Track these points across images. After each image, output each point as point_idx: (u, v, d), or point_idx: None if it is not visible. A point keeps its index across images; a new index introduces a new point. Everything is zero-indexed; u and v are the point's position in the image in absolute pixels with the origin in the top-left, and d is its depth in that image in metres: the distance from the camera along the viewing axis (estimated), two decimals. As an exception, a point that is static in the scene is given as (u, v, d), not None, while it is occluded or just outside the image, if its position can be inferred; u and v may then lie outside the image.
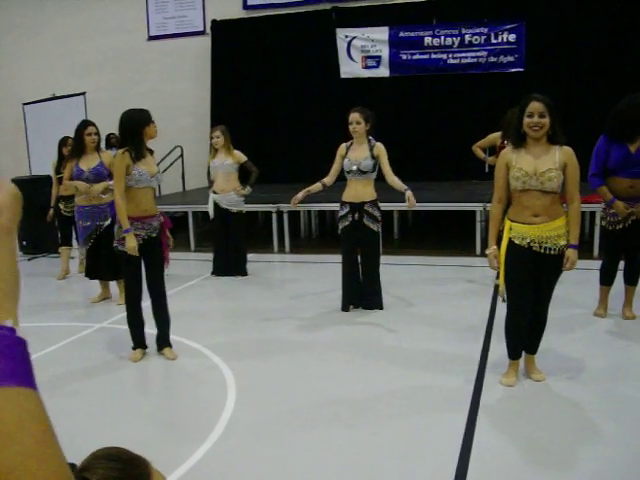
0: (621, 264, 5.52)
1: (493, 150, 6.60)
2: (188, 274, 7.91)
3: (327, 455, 3.39)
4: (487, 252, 4.15)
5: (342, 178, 6.04)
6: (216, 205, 7.54)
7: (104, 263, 6.44)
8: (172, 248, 5.16)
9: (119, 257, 4.86)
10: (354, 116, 5.77)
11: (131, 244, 4.64)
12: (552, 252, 3.97)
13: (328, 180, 6.06)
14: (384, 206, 6.26)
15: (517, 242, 3.99)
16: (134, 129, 4.67)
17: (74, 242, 7.85)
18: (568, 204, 4.06)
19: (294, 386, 4.36)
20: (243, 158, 7.54)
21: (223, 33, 12.60)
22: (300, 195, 6.05)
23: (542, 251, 3.96)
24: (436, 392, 4.17)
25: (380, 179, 5.95)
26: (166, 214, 4.95)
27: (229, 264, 7.72)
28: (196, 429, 3.74)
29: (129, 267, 4.83)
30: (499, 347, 4.72)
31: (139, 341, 5.02)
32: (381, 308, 6.10)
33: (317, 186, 6.09)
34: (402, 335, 5.37)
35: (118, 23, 13.36)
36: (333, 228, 6.03)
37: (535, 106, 3.87)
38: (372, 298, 6.11)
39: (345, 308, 6.14)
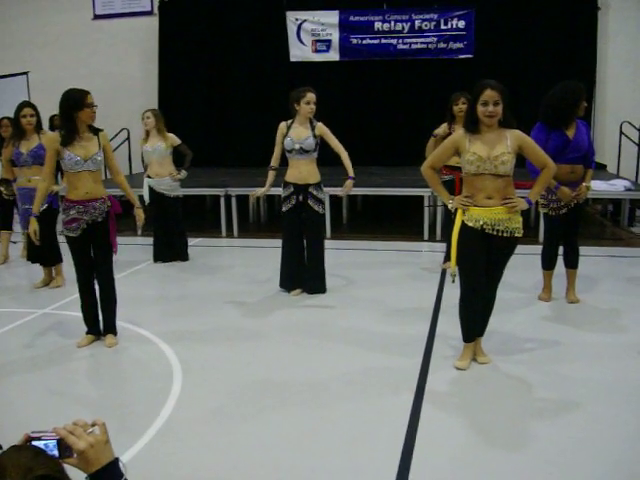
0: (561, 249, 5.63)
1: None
2: (134, 259, 7.76)
3: (276, 440, 3.37)
4: (450, 205, 4.11)
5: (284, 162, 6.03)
6: (152, 190, 7.41)
7: (44, 247, 6.28)
8: (142, 224, 5.30)
9: (67, 242, 4.78)
10: (313, 96, 5.73)
11: (32, 228, 4.70)
12: (504, 234, 4.01)
13: (275, 163, 6.05)
14: (333, 191, 6.24)
15: (470, 224, 4.01)
16: (66, 112, 4.52)
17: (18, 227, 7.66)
18: (542, 169, 4.16)
19: (242, 371, 4.32)
20: (177, 141, 7.42)
21: (171, 14, 12.36)
22: (265, 189, 6.13)
23: (495, 233, 4.00)
24: (384, 374, 4.19)
25: (322, 163, 5.94)
26: (114, 197, 4.86)
27: (170, 249, 7.62)
28: (140, 417, 3.67)
29: (74, 251, 4.78)
30: (446, 329, 4.79)
31: (89, 326, 4.94)
32: (324, 292, 6.09)
33: (272, 174, 6.07)
34: (351, 318, 5.38)
35: (62, 0, 12.96)
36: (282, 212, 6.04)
37: (489, 94, 3.87)
38: (316, 282, 6.09)
39: (283, 285, 6.15)
